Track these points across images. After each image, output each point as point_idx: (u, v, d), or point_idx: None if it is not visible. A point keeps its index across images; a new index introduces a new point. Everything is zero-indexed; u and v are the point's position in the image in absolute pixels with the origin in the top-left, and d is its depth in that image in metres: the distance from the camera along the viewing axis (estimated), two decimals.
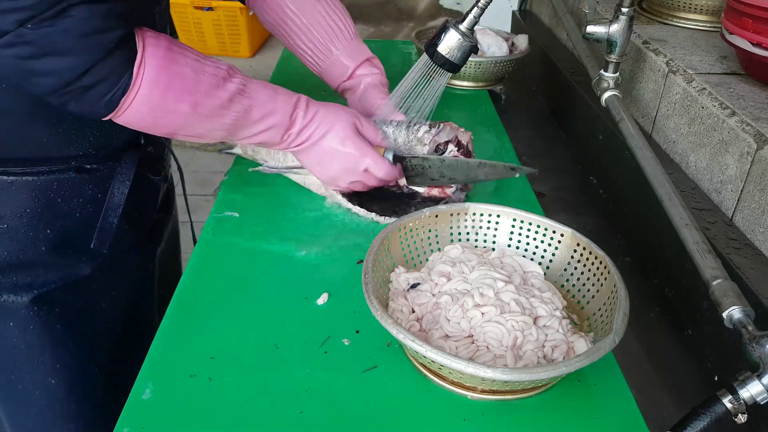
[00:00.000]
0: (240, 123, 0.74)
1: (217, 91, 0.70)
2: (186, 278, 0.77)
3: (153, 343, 0.68)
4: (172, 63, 0.66)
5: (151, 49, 0.64)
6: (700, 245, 0.65)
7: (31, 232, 0.76)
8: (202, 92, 0.68)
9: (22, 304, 0.79)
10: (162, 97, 0.66)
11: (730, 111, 0.80)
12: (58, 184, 0.76)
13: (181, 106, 0.68)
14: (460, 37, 0.82)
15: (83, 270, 0.82)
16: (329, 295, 0.74)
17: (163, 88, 0.65)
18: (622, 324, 0.60)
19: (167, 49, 0.66)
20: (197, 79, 0.68)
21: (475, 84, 1.33)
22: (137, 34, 0.64)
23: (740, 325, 0.56)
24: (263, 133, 0.77)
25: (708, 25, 1.09)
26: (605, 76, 0.94)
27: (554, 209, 1.01)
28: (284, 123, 0.77)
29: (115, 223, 0.81)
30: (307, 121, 0.79)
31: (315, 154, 0.82)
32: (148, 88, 0.64)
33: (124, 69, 0.62)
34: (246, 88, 0.73)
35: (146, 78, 0.64)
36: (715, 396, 0.53)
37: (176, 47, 0.68)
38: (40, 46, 0.57)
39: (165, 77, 0.65)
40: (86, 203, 0.79)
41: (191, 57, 0.68)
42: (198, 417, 0.59)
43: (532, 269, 0.75)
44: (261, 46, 3.19)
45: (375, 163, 0.83)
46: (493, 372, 0.55)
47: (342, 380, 0.64)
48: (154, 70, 0.64)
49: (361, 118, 0.84)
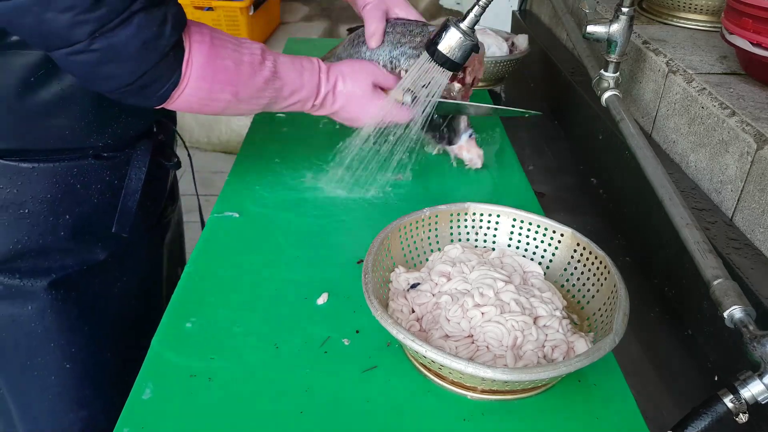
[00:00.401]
0: (273, 101, 0.80)
1: (254, 78, 0.76)
2: (186, 278, 0.77)
3: (153, 343, 0.67)
4: (216, 57, 0.71)
5: (197, 46, 0.69)
6: (701, 245, 0.65)
7: (51, 217, 0.78)
8: (242, 81, 0.74)
9: (41, 287, 0.81)
10: (208, 90, 0.72)
11: (730, 111, 0.80)
12: (77, 170, 0.78)
13: (224, 95, 0.74)
14: (461, 35, 0.82)
15: (99, 255, 0.84)
16: (329, 295, 0.74)
17: (209, 81, 0.71)
18: (622, 324, 0.60)
19: (210, 45, 0.71)
20: (237, 70, 0.73)
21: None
22: (184, 32, 0.68)
23: (741, 325, 0.56)
24: (294, 105, 0.83)
25: (708, 25, 1.09)
26: (605, 76, 0.94)
27: (554, 209, 1.01)
28: (311, 96, 0.83)
29: (134, 207, 0.84)
30: (330, 87, 0.84)
31: (345, 112, 0.87)
32: (196, 82, 0.70)
33: (175, 67, 0.68)
34: (277, 69, 0.78)
35: (193, 73, 0.69)
36: (716, 395, 0.53)
37: (218, 40, 0.72)
38: (106, 53, 0.62)
39: (210, 71, 0.71)
40: (104, 189, 0.81)
41: (230, 47, 0.73)
42: (198, 417, 0.59)
43: (532, 269, 0.75)
44: None
45: (395, 116, 0.88)
46: (493, 372, 0.55)
47: (342, 380, 0.64)
48: (199, 66, 0.70)
49: (377, 73, 0.88)
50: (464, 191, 0.98)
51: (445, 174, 1.02)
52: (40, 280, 0.80)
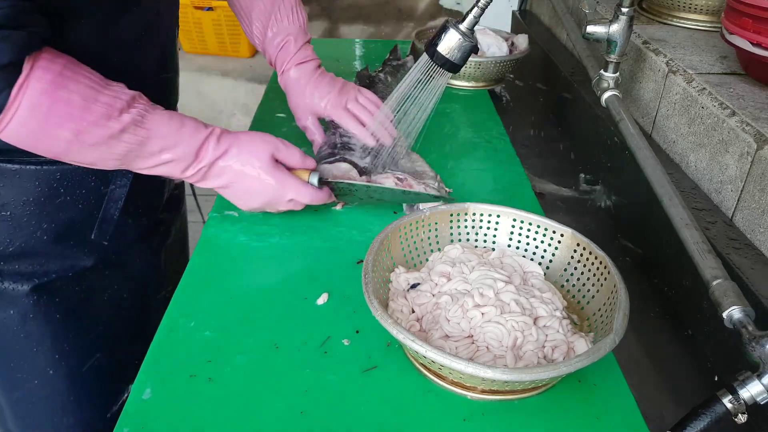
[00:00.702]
0: (134, 154, 0.71)
1: (108, 121, 0.67)
2: (186, 278, 0.77)
3: (153, 343, 0.68)
4: (59, 88, 0.64)
5: (40, 72, 0.63)
6: (700, 245, 0.65)
7: (34, 220, 0.78)
8: (89, 121, 0.66)
9: (23, 292, 0.80)
10: (42, 122, 0.64)
11: (730, 111, 0.80)
12: (61, 174, 0.77)
13: (62, 133, 0.66)
14: (460, 37, 0.82)
15: (85, 261, 0.83)
16: (329, 295, 0.74)
17: (44, 113, 0.64)
18: (622, 324, 0.60)
19: (58, 75, 0.64)
20: (86, 107, 0.66)
21: (475, 84, 1.33)
22: (29, 57, 0.62)
23: (740, 325, 0.56)
24: (162, 166, 0.74)
25: (708, 25, 1.09)
26: (605, 76, 0.94)
27: (554, 209, 1.01)
28: (187, 157, 0.75)
29: (116, 215, 0.82)
30: (218, 154, 0.77)
31: (234, 190, 0.80)
32: (27, 111, 0.63)
33: (1, 89, 0.61)
34: (146, 119, 0.71)
35: (26, 100, 0.62)
36: (715, 396, 0.53)
37: (70, 72, 0.65)
38: None
39: (47, 102, 0.63)
40: (89, 195, 0.80)
41: (85, 83, 0.66)
42: (198, 417, 0.59)
43: (532, 269, 0.75)
44: None
45: (298, 194, 0.82)
46: (493, 372, 0.55)
47: (342, 380, 0.64)
48: (36, 93, 0.63)
49: (279, 145, 0.82)
50: (464, 191, 0.98)
51: (446, 173, 1.02)
52: (23, 284, 0.80)
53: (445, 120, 1.20)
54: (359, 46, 1.59)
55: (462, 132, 1.17)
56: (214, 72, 2.88)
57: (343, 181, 0.87)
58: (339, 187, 0.87)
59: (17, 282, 0.80)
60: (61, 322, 0.84)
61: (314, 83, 0.97)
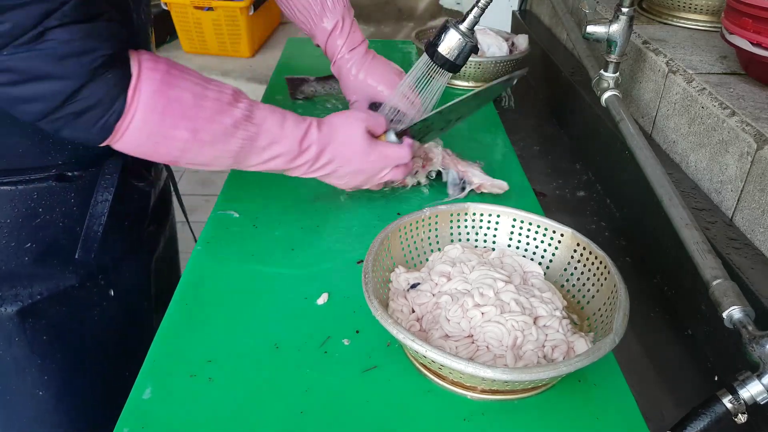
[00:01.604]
0: (246, 150, 0.72)
1: (221, 116, 0.68)
2: (186, 278, 0.77)
3: (153, 343, 0.68)
4: (170, 87, 0.64)
5: (148, 73, 0.63)
6: (700, 245, 0.65)
7: (13, 242, 0.75)
8: (203, 118, 0.66)
9: (7, 316, 0.78)
10: (159, 123, 0.64)
11: (730, 111, 0.80)
12: (38, 194, 0.75)
13: (180, 133, 0.66)
14: (460, 37, 0.82)
15: (70, 280, 0.81)
16: (329, 295, 0.74)
17: (160, 113, 0.64)
18: (622, 324, 0.60)
19: (165, 73, 0.64)
20: (198, 105, 0.66)
21: (475, 84, 1.33)
22: (133, 57, 0.63)
23: (740, 325, 0.56)
24: (273, 161, 0.75)
25: (708, 25, 1.09)
26: (605, 76, 0.94)
27: (554, 209, 1.01)
28: (293, 150, 0.75)
29: (99, 231, 0.79)
30: (321, 144, 0.77)
31: (340, 174, 0.82)
32: (144, 113, 0.62)
33: (118, 94, 0.61)
34: (252, 113, 0.71)
35: (142, 103, 0.62)
36: (715, 396, 0.53)
37: (176, 71, 0.65)
38: (20, 72, 0.56)
39: (162, 102, 0.63)
40: (69, 212, 0.78)
41: (192, 81, 0.66)
42: (198, 417, 0.59)
43: (532, 269, 0.75)
44: (261, 46, 3.19)
45: (398, 157, 0.84)
46: (493, 372, 0.55)
47: (342, 380, 0.64)
48: (150, 94, 0.62)
49: (367, 117, 0.83)
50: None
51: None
52: (6, 308, 0.78)
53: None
54: None
55: (462, 132, 1.17)
56: (214, 72, 2.88)
57: (417, 121, 0.87)
58: (415, 129, 0.87)
59: (1, 306, 0.78)
60: (48, 344, 0.82)
61: (367, 68, 0.97)
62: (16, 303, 0.78)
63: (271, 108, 0.74)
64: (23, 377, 0.83)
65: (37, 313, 0.80)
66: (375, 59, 0.98)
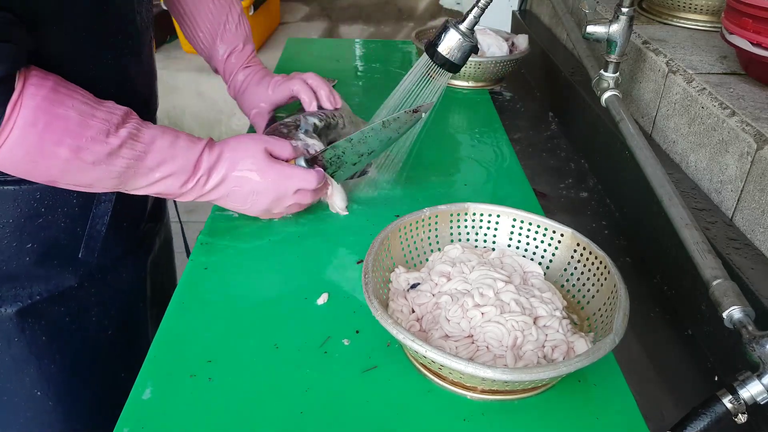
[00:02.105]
0: (132, 171, 0.69)
1: (107, 137, 0.65)
2: (185, 278, 0.77)
3: (153, 343, 0.67)
4: (55, 104, 0.62)
5: (33, 89, 0.61)
6: (700, 245, 0.65)
7: (15, 243, 0.75)
8: (88, 137, 0.64)
9: (6, 316, 0.78)
10: (39, 139, 0.62)
11: (730, 111, 0.80)
12: (41, 194, 0.75)
13: (61, 151, 0.63)
14: (460, 37, 0.82)
15: (70, 281, 0.81)
16: (329, 295, 0.74)
17: (40, 130, 0.61)
18: (622, 324, 0.60)
19: (51, 90, 0.62)
20: (83, 123, 0.64)
21: (475, 84, 1.34)
22: (20, 73, 0.61)
23: (740, 325, 0.56)
24: (162, 182, 0.72)
25: (708, 25, 1.09)
26: (605, 76, 0.94)
27: (554, 209, 1.01)
28: (187, 169, 0.73)
29: (102, 231, 0.80)
30: (212, 162, 0.75)
31: (238, 196, 0.78)
32: (23, 129, 0.60)
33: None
34: (141, 133, 0.69)
35: (21, 118, 0.60)
36: (715, 396, 0.53)
37: (64, 89, 0.64)
38: None
39: (44, 119, 0.61)
40: (71, 213, 0.78)
41: (80, 99, 0.64)
42: (198, 417, 0.59)
43: (532, 269, 0.75)
44: (261, 46, 3.19)
45: (304, 180, 0.80)
46: (493, 372, 0.55)
47: (342, 380, 0.64)
48: (31, 111, 0.60)
49: (269, 140, 0.80)
50: (464, 191, 0.98)
51: (446, 173, 1.02)
52: (6, 308, 0.78)
53: (445, 120, 1.20)
54: (359, 46, 1.58)
55: (462, 132, 1.17)
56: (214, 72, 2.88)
57: (327, 148, 0.84)
58: (327, 159, 0.83)
59: (0, 306, 0.78)
60: (47, 344, 0.82)
61: (260, 80, 1.00)
62: (16, 303, 0.78)
63: (163, 128, 0.72)
64: (22, 378, 0.83)
65: (36, 313, 0.80)
66: (270, 74, 1.02)
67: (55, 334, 0.83)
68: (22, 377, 0.83)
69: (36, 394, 0.84)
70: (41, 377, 0.84)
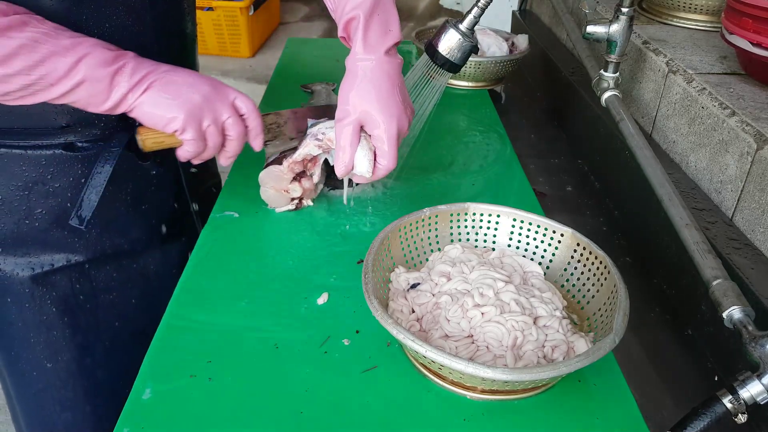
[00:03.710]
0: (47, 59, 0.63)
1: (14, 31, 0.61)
2: (186, 278, 0.77)
3: (153, 343, 0.68)
4: None
5: None
6: (700, 245, 0.65)
7: (24, 206, 0.78)
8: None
9: (19, 280, 0.81)
10: None
11: (730, 111, 0.80)
12: (46, 160, 0.77)
13: None
14: (460, 37, 0.82)
15: (80, 254, 0.83)
16: (329, 295, 0.74)
17: None
18: (622, 324, 0.60)
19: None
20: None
21: (475, 84, 1.33)
22: None
23: (740, 325, 0.56)
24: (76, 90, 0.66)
25: (708, 25, 1.09)
26: (605, 76, 0.94)
27: (554, 209, 1.01)
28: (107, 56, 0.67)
29: (95, 201, 0.78)
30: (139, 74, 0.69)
31: (170, 89, 0.70)
32: None
33: None
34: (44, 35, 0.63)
35: None
36: (715, 396, 0.53)
37: None
38: None
39: None
40: (77, 183, 0.80)
41: None
42: (198, 417, 0.59)
43: (532, 269, 0.75)
44: (261, 46, 3.19)
45: (242, 96, 0.75)
46: (493, 372, 0.55)
47: (342, 380, 0.64)
48: None
49: None
50: (464, 191, 0.98)
51: (446, 173, 1.02)
52: (19, 272, 0.81)
53: (445, 120, 1.20)
54: None
55: (462, 132, 1.17)
56: (214, 72, 2.88)
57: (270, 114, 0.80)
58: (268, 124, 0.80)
59: (14, 269, 0.81)
60: (58, 317, 0.84)
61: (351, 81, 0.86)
62: (29, 269, 0.81)
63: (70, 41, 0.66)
64: (32, 346, 0.85)
65: (48, 283, 0.83)
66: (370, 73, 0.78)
67: (66, 308, 0.85)
68: (33, 346, 0.85)
69: (46, 366, 0.86)
70: (51, 350, 0.85)
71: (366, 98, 0.74)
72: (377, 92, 0.74)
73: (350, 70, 0.77)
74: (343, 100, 0.76)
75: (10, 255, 0.81)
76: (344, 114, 0.75)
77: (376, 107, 0.74)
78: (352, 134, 0.75)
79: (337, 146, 0.76)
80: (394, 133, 0.75)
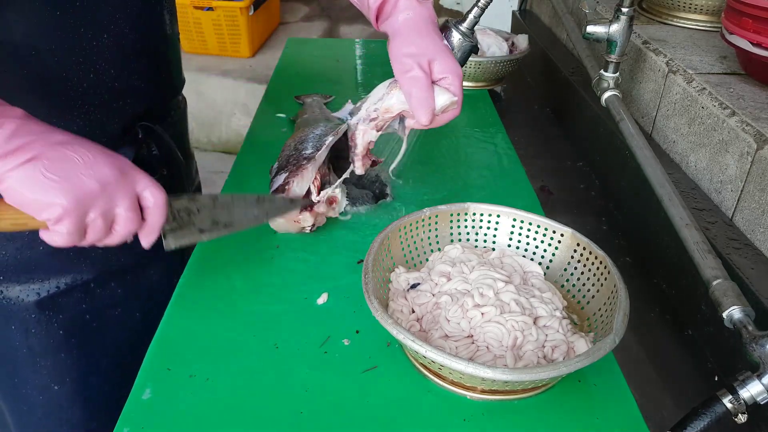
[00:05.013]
0: None
1: None
2: (185, 278, 0.77)
3: (152, 343, 0.68)
4: None
5: None
6: (700, 245, 0.65)
7: (26, 234, 0.76)
8: None
9: (25, 306, 0.79)
10: None
11: (730, 111, 0.80)
12: None
13: None
14: (460, 37, 0.82)
15: (86, 275, 0.82)
16: (329, 295, 0.74)
17: None
18: (622, 324, 0.60)
19: None
20: None
21: (475, 84, 1.33)
22: None
23: (740, 325, 0.56)
24: None
25: (708, 25, 1.09)
26: (605, 76, 0.94)
27: (554, 209, 1.01)
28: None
29: None
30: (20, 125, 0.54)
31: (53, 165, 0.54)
32: None
33: None
34: None
35: None
36: (715, 396, 0.53)
37: None
38: None
39: None
40: None
41: None
42: (198, 417, 0.59)
43: (532, 269, 0.75)
44: (261, 46, 3.19)
45: (155, 185, 0.60)
46: (493, 372, 0.55)
47: (342, 380, 0.64)
48: None
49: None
50: (464, 191, 0.98)
51: (446, 173, 1.02)
52: (24, 298, 0.79)
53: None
54: (359, 46, 1.58)
55: (462, 132, 1.17)
56: (214, 72, 2.88)
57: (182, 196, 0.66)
58: (175, 208, 0.65)
59: (18, 297, 0.79)
60: (65, 339, 0.83)
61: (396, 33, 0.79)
62: (35, 294, 0.80)
63: None
64: (39, 369, 0.84)
65: (55, 306, 0.81)
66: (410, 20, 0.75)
67: (74, 329, 0.83)
68: (39, 370, 0.83)
69: (52, 388, 0.85)
70: (57, 371, 0.84)
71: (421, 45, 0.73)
72: (431, 38, 0.74)
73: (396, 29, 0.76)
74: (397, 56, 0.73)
75: (13, 282, 0.79)
76: (408, 66, 0.72)
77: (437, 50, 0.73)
78: (425, 78, 0.72)
79: (411, 97, 0.72)
80: (460, 71, 0.74)
